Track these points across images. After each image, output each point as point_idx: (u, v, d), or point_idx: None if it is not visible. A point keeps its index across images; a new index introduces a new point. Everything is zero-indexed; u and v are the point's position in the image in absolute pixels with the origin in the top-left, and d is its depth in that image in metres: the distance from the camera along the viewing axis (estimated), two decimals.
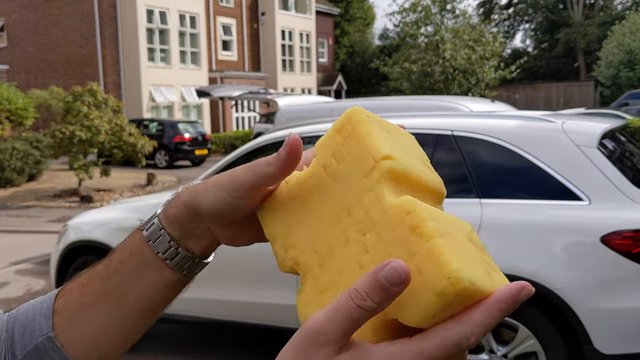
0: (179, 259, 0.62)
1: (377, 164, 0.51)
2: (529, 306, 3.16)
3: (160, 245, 0.62)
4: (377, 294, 0.43)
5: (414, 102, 6.27)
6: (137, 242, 0.64)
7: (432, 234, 0.45)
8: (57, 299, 0.66)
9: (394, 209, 0.48)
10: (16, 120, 14.55)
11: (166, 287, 0.63)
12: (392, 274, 0.42)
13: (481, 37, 21.29)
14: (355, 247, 0.50)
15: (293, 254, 0.55)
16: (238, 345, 4.57)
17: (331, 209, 0.53)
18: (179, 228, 0.61)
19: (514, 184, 3.41)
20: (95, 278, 0.65)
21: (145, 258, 0.62)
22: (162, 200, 4.43)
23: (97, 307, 0.64)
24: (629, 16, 29.17)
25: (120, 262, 0.64)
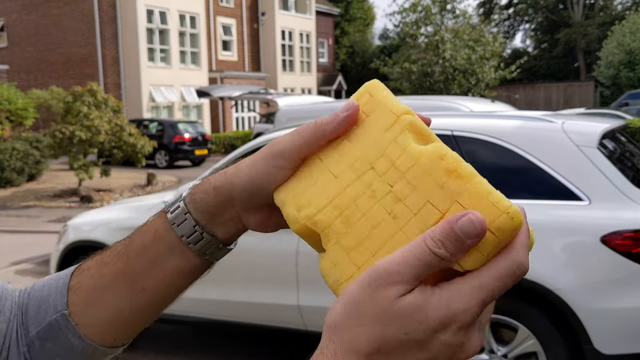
0: (202, 244, 0.61)
1: (398, 118, 0.52)
2: (529, 306, 3.16)
3: (185, 229, 0.61)
4: (452, 244, 0.43)
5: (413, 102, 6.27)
6: (161, 224, 0.62)
7: (471, 174, 0.47)
8: (73, 277, 0.65)
9: (427, 155, 0.49)
10: (16, 120, 14.55)
11: (188, 272, 0.63)
12: (468, 226, 0.43)
13: (481, 37, 21.29)
14: (384, 198, 0.49)
15: (308, 212, 0.53)
16: (238, 345, 4.57)
17: (350, 166, 0.53)
18: (206, 214, 0.61)
19: (514, 184, 3.40)
20: (116, 259, 0.64)
21: (169, 242, 0.61)
22: (162, 200, 4.44)
23: (115, 289, 0.63)
24: (629, 16, 29.16)
25: (142, 246, 0.63)
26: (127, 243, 0.64)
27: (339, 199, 0.52)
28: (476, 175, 0.47)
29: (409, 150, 0.50)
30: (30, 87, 23.11)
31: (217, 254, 0.63)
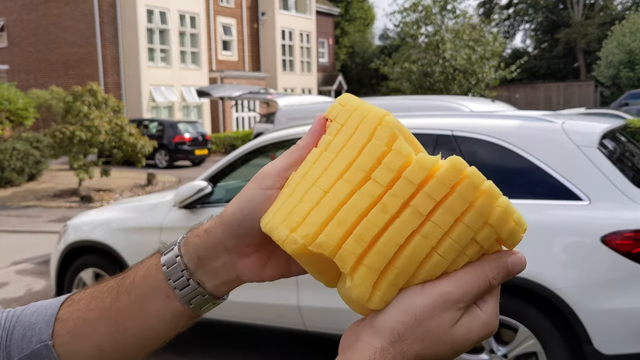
0: (187, 291, 0.59)
1: (381, 122, 0.51)
2: (529, 306, 3.16)
3: (173, 273, 0.59)
4: (503, 276, 0.53)
5: (414, 102, 6.27)
6: (153, 265, 0.61)
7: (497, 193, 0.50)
8: (63, 307, 0.65)
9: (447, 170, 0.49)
10: (16, 120, 14.55)
11: (169, 318, 0.61)
12: (518, 265, 0.54)
13: (481, 37, 21.28)
14: (403, 213, 0.48)
15: (306, 231, 0.49)
16: (238, 345, 4.57)
17: (339, 177, 0.50)
18: (195, 258, 0.59)
19: (514, 184, 3.40)
20: (105, 294, 0.63)
21: (157, 283, 0.60)
22: (162, 200, 4.44)
23: (99, 325, 0.62)
24: (629, 16, 29.15)
25: (131, 284, 0.62)
26: (121, 278, 0.63)
27: (341, 215, 0.49)
28: (500, 194, 0.50)
29: (420, 161, 0.49)
30: (30, 87, 23.12)
31: (202, 305, 0.61)
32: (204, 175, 4.22)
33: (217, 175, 4.17)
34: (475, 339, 0.51)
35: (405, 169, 0.49)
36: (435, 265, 0.49)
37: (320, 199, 0.50)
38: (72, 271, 4.62)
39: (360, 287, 0.49)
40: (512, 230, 0.51)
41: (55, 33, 25.24)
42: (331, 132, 0.54)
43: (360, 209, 0.49)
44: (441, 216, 0.48)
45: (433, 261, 0.49)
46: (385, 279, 0.49)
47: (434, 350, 0.49)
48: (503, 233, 0.50)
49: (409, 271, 0.49)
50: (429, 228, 0.48)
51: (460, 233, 0.48)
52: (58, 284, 4.72)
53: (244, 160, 4.17)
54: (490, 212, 0.49)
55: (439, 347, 0.49)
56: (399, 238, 0.48)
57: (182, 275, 0.59)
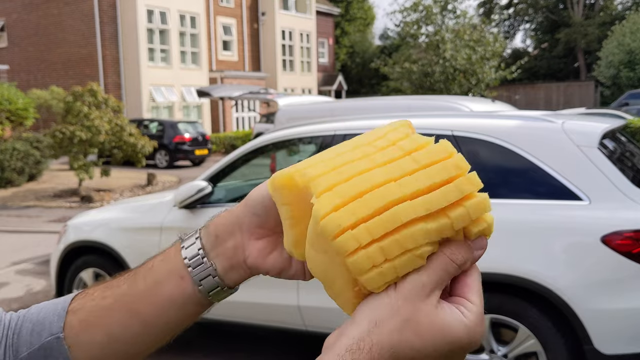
0: (200, 269, 0.61)
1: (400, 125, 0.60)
2: (529, 306, 3.16)
3: (190, 252, 0.62)
4: (464, 255, 0.52)
5: (414, 102, 6.26)
6: (172, 249, 0.64)
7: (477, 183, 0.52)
8: (75, 300, 0.66)
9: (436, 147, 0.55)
10: (16, 120, 14.55)
11: (182, 302, 0.62)
12: (482, 242, 0.53)
13: (482, 37, 21.28)
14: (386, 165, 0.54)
15: (300, 166, 0.56)
16: (239, 345, 4.58)
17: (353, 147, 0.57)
18: (213, 237, 0.62)
19: (514, 184, 3.40)
20: (122, 281, 0.65)
21: (174, 264, 0.62)
22: (162, 200, 4.44)
23: (113, 312, 0.63)
24: (629, 16, 29.16)
25: (149, 269, 0.64)
26: (140, 266, 0.66)
27: (332, 160, 0.55)
28: (481, 185, 0.52)
29: (413, 137, 0.55)
30: (30, 87, 23.12)
31: (211, 288, 0.62)
32: (204, 175, 4.22)
33: (217, 175, 4.17)
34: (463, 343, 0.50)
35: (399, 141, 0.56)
36: (404, 211, 0.50)
37: (331, 159, 0.55)
38: (72, 271, 4.63)
39: (323, 203, 0.51)
40: (482, 229, 0.52)
41: (55, 33, 25.24)
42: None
43: (350, 158, 0.55)
44: (420, 175, 0.52)
45: (403, 207, 0.51)
46: (353, 212, 0.51)
47: (414, 343, 0.48)
48: (474, 225, 0.52)
49: (374, 205, 0.51)
50: (406, 180, 0.52)
51: (434, 195, 0.51)
52: (58, 284, 4.72)
53: (244, 160, 4.17)
54: (468, 195, 0.51)
55: (419, 340, 0.49)
56: (375, 179, 0.52)
57: (197, 254, 0.62)
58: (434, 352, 0.49)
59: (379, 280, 0.51)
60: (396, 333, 0.48)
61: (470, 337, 0.50)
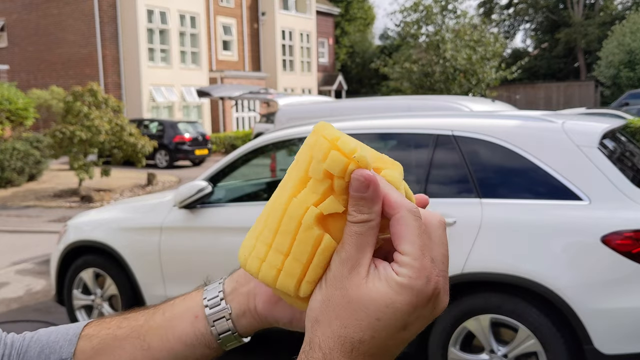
0: (215, 311, 0.62)
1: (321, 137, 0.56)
2: (529, 306, 3.16)
3: (210, 294, 0.63)
4: (362, 205, 0.47)
5: (414, 102, 6.26)
6: (197, 290, 0.66)
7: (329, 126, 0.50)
8: (90, 326, 0.67)
9: (310, 136, 0.51)
10: (16, 120, 14.54)
11: (192, 341, 0.63)
12: (356, 184, 0.47)
13: (482, 37, 21.28)
14: (285, 186, 0.52)
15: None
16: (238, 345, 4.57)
17: None
18: (234, 282, 0.63)
19: (514, 184, 3.40)
20: (140, 315, 0.66)
21: (191, 303, 0.64)
22: (162, 200, 4.44)
23: (125, 343, 0.64)
24: (629, 16, 29.16)
25: (170, 305, 0.65)
26: (162, 302, 0.67)
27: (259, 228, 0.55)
28: (327, 128, 0.49)
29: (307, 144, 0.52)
30: (30, 87, 23.11)
31: (222, 331, 0.62)
32: (204, 175, 4.22)
33: (217, 175, 4.17)
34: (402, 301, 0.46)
35: None
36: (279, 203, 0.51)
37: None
38: (72, 271, 4.62)
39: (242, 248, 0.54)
40: (331, 157, 0.47)
41: (55, 33, 25.24)
42: None
43: None
44: (294, 168, 0.51)
45: (278, 200, 0.51)
46: (256, 238, 0.53)
47: (357, 323, 0.46)
48: (324, 162, 0.48)
49: (274, 223, 0.51)
50: (286, 181, 0.52)
51: (294, 171, 0.51)
52: (58, 283, 4.72)
53: (244, 160, 4.17)
54: (314, 145, 0.49)
55: (359, 317, 0.46)
56: (271, 201, 0.53)
57: (217, 296, 0.63)
58: (383, 323, 0.46)
59: (290, 281, 0.50)
60: (335, 321, 0.47)
61: (412, 291, 0.46)
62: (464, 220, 3.21)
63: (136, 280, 4.29)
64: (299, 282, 0.50)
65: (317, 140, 0.49)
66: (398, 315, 0.46)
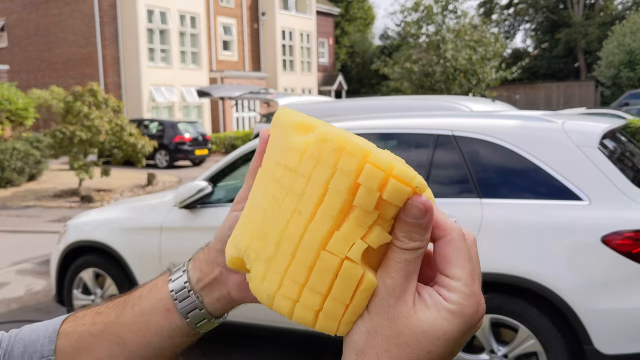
0: (186, 303, 0.61)
1: (283, 125, 0.51)
2: (529, 306, 3.16)
3: (177, 284, 0.62)
4: (415, 231, 0.45)
5: (414, 102, 6.26)
6: (160, 279, 0.64)
7: (366, 147, 0.45)
8: (66, 322, 0.66)
9: (312, 143, 0.47)
10: (16, 120, 14.54)
11: (168, 332, 0.62)
12: (415, 211, 0.45)
13: (483, 37, 21.29)
14: (285, 199, 0.48)
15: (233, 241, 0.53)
16: (239, 344, 4.58)
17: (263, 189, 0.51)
18: (198, 272, 0.62)
19: (514, 184, 3.40)
20: (111, 309, 0.65)
21: (161, 296, 0.62)
22: (162, 200, 4.44)
23: (102, 339, 0.63)
24: (629, 16, 29.16)
25: (138, 298, 0.64)
26: (129, 294, 0.66)
27: (254, 219, 0.51)
28: (369, 152, 0.45)
29: (293, 146, 0.48)
30: (30, 87, 23.12)
31: (198, 320, 0.62)
32: (204, 175, 4.22)
33: (218, 175, 4.17)
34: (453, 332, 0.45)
35: None
36: (312, 237, 0.46)
37: (252, 213, 0.52)
38: (72, 271, 4.62)
39: (252, 278, 0.49)
40: (393, 187, 0.44)
41: (55, 33, 25.25)
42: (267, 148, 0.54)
43: (264, 209, 0.50)
44: (309, 189, 0.46)
45: (309, 233, 0.46)
46: (270, 267, 0.48)
47: (406, 356, 0.45)
48: (382, 191, 0.44)
49: (289, 250, 0.47)
50: (301, 203, 0.47)
51: (329, 199, 0.45)
52: (58, 283, 4.72)
53: (244, 160, 4.17)
54: (356, 170, 0.44)
55: (408, 350, 0.45)
56: (282, 222, 0.47)
57: (184, 287, 0.61)
58: (433, 355, 0.45)
59: (331, 323, 0.47)
60: (385, 354, 0.45)
61: (464, 319, 0.45)
62: (464, 220, 3.21)
63: (136, 281, 4.28)
64: (340, 323, 0.47)
65: (349, 161, 0.45)
66: (448, 345, 0.45)
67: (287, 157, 0.48)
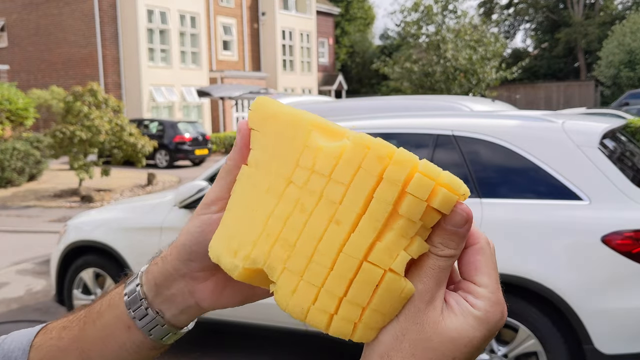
0: (146, 320, 0.58)
1: (298, 124, 0.49)
2: (529, 306, 3.16)
3: (134, 302, 0.59)
4: (452, 239, 0.46)
5: (414, 102, 6.25)
6: (117, 294, 0.61)
7: (413, 157, 0.44)
8: (39, 335, 0.65)
9: (350, 149, 0.45)
10: (17, 120, 14.55)
11: (133, 349, 0.60)
12: (457, 218, 0.45)
13: (483, 37, 21.29)
14: (318, 207, 0.46)
15: (245, 253, 0.49)
16: (238, 345, 4.58)
17: (267, 191, 0.49)
18: (154, 286, 0.58)
19: (514, 184, 3.40)
20: (75, 323, 0.63)
21: (119, 312, 0.59)
22: (162, 200, 4.44)
23: (67, 355, 0.62)
24: (629, 16, 29.17)
25: (98, 313, 0.61)
26: (89, 308, 0.63)
27: (269, 227, 0.48)
28: (414, 160, 0.44)
29: (326, 150, 0.46)
30: (30, 87, 23.13)
31: (162, 335, 0.60)
32: (204, 175, 4.22)
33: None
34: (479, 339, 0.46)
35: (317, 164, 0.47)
36: (354, 249, 0.45)
37: (253, 217, 0.49)
38: (72, 271, 4.63)
39: (280, 291, 0.47)
40: (444, 196, 0.44)
41: (55, 33, 25.25)
42: (255, 144, 0.51)
43: (284, 215, 0.47)
44: (350, 197, 0.45)
45: (350, 245, 0.45)
46: (304, 279, 0.46)
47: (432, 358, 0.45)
48: (431, 200, 0.44)
49: (326, 263, 0.45)
50: (339, 212, 0.45)
51: (374, 209, 0.44)
52: (58, 284, 4.72)
53: None
54: (405, 180, 0.44)
55: (434, 355, 0.45)
56: (315, 232, 0.46)
57: (140, 305, 0.58)
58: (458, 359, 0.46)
59: (370, 333, 0.46)
60: (409, 358, 0.45)
61: (488, 326, 0.46)
62: None
63: None
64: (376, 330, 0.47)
65: (397, 170, 0.44)
66: (471, 351, 0.46)
67: (313, 160, 0.47)
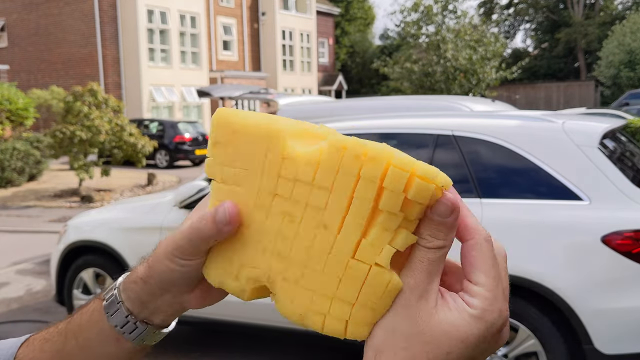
0: (137, 333, 0.58)
1: (269, 134, 0.48)
2: (529, 306, 3.16)
3: (118, 319, 0.58)
4: (440, 230, 0.45)
5: (414, 102, 6.26)
6: (96, 311, 0.60)
7: (387, 151, 0.44)
8: (22, 347, 0.64)
9: (326, 153, 0.46)
10: (17, 120, 14.54)
11: (125, 356, 0.60)
12: (442, 208, 0.44)
13: (483, 37, 21.29)
14: (304, 215, 0.47)
15: (247, 274, 0.50)
16: (237, 345, 4.57)
17: (255, 208, 0.49)
18: (139, 304, 0.58)
19: (514, 184, 3.41)
20: (57, 336, 0.62)
21: (103, 328, 0.59)
22: (162, 200, 4.44)
23: None
24: (629, 16, 29.16)
25: (78, 328, 0.61)
26: (68, 322, 0.62)
27: (263, 243, 0.49)
28: (391, 155, 0.44)
29: (305, 158, 0.47)
30: (30, 87, 23.11)
31: (154, 338, 0.60)
32: (204, 175, 4.22)
33: None
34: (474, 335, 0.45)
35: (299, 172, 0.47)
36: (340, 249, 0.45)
37: (246, 237, 0.50)
38: (72, 271, 4.63)
39: (280, 301, 0.49)
40: (418, 186, 0.43)
41: (55, 33, 25.25)
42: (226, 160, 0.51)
43: (275, 229, 0.48)
44: (333, 200, 0.45)
45: (337, 246, 0.46)
46: (300, 286, 0.47)
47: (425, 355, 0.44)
48: (407, 191, 0.44)
49: (318, 268, 0.46)
50: (326, 217, 0.46)
51: (356, 208, 0.45)
52: (58, 284, 4.72)
53: None
54: (381, 175, 0.44)
55: (428, 349, 0.44)
56: (306, 240, 0.47)
57: (127, 321, 0.58)
58: (452, 357, 0.45)
59: (360, 329, 0.47)
60: (402, 352, 0.44)
61: (485, 324, 0.45)
62: None
63: None
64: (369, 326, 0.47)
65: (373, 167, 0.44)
66: (467, 349, 0.45)
67: (294, 169, 0.47)
